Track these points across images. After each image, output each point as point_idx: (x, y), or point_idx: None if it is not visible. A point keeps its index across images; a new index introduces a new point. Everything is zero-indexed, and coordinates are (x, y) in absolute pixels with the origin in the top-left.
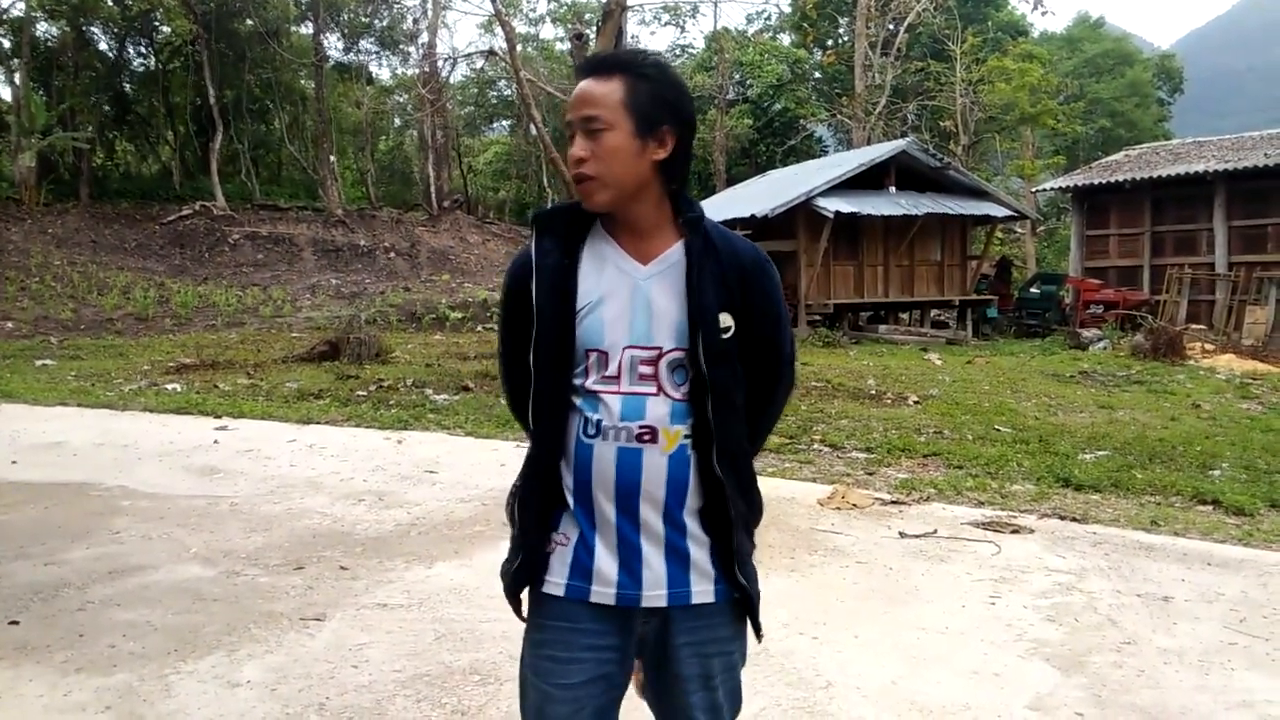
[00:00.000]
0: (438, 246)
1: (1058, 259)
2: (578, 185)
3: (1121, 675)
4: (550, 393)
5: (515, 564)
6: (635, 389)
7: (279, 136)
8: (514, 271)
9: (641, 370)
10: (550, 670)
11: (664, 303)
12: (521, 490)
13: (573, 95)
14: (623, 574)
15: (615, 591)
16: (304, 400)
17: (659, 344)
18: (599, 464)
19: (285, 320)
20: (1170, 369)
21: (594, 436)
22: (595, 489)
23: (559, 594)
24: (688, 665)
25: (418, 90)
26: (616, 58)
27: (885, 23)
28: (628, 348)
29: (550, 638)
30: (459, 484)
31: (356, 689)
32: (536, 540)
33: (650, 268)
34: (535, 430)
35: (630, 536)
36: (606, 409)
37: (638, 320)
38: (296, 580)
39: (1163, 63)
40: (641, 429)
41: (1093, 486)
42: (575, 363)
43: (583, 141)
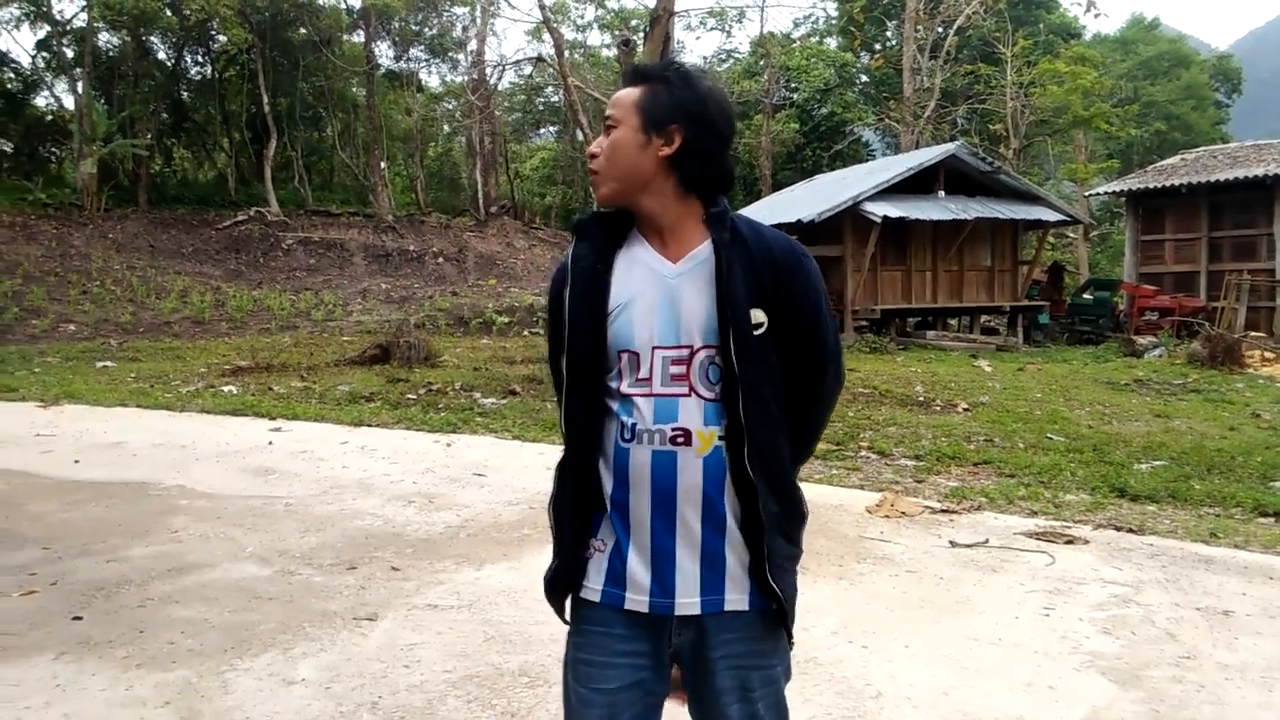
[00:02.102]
0: (485, 251)
1: (1111, 264)
2: (592, 178)
3: (1181, 690)
4: (584, 397)
5: (555, 569)
6: (667, 391)
7: (331, 143)
8: (554, 278)
9: (673, 371)
10: (587, 674)
11: (693, 300)
12: (559, 496)
13: (613, 98)
14: (655, 582)
15: (648, 599)
16: (355, 403)
17: (689, 343)
18: (635, 468)
19: (337, 324)
20: (1228, 377)
21: (630, 441)
22: (632, 494)
23: (595, 599)
24: (723, 677)
25: (466, 97)
26: (647, 69)
27: (934, 26)
28: (657, 347)
29: (587, 642)
30: (507, 487)
31: (408, 689)
32: (575, 546)
33: (679, 266)
34: (571, 435)
35: (665, 542)
36: (640, 412)
37: (666, 319)
38: (349, 580)
39: (1220, 64)
40: (675, 431)
41: (1149, 497)
42: (608, 366)
43: (599, 140)
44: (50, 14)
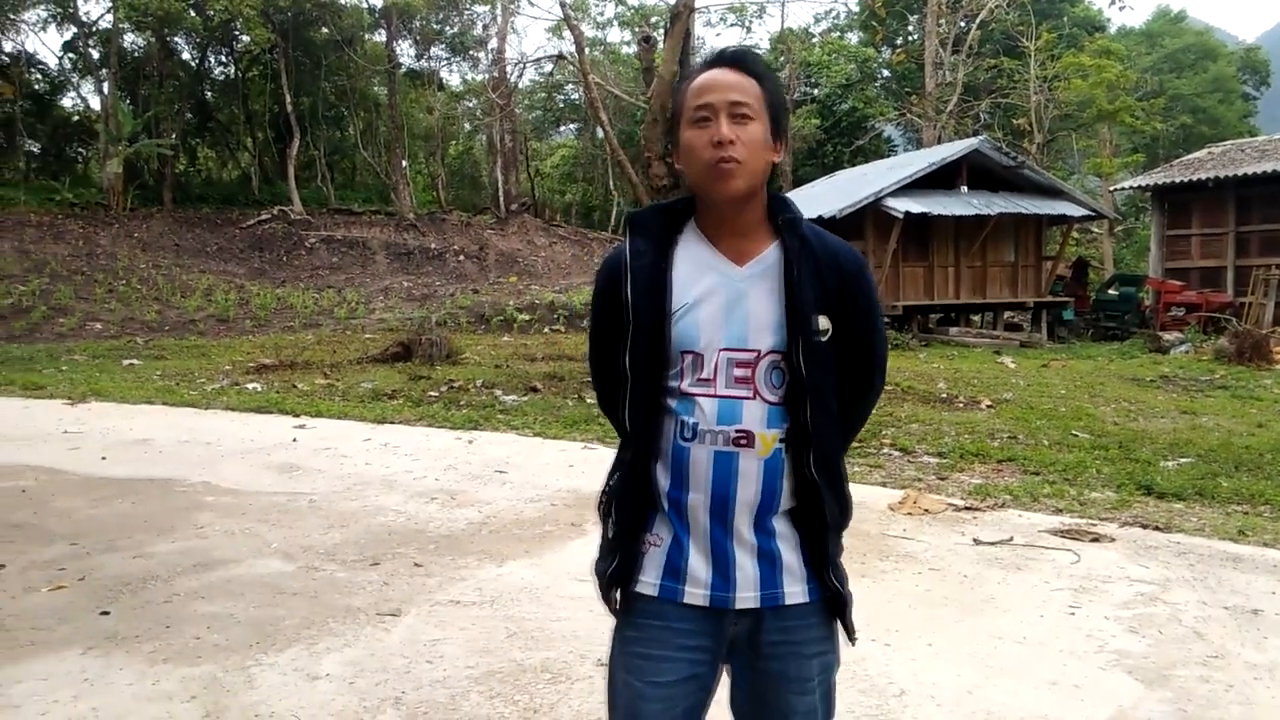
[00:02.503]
0: (506, 249)
1: (1136, 260)
2: (720, 165)
3: (1209, 690)
4: (645, 395)
5: (612, 564)
6: (730, 392)
7: (353, 142)
8: (606, 271)
9: (737, 373)
10: (643, 668)
11: (761, 304)
12: (616, 491)
13: (708, 79)
14: (715, 576)
15: (707, 593)
16: (378, 400)
17: (756, 346)
18: (695, 467)
19: (359, 322)
20: (1256, 374)
21: (690, 440)
22: (690, 492)
23: (652, 594)
24: (784, 664)
25: (487, 95)
26: (756, 60)
27: (956, 20)
28: (723, 350)
29: (643, 636)
30: (528, 484)
31: (431, 684)
32: (632, 540)
33: (747, 269)
34: (630, 432)
35: (721, 539)
36: (702, 412)
37: (734, 322)
38: (373, 576)
39: (1248, 56)
40: (738, 433)
41: (1176, 494)
42: (669, 364)
43: (730, 125)
44: (77, 15)
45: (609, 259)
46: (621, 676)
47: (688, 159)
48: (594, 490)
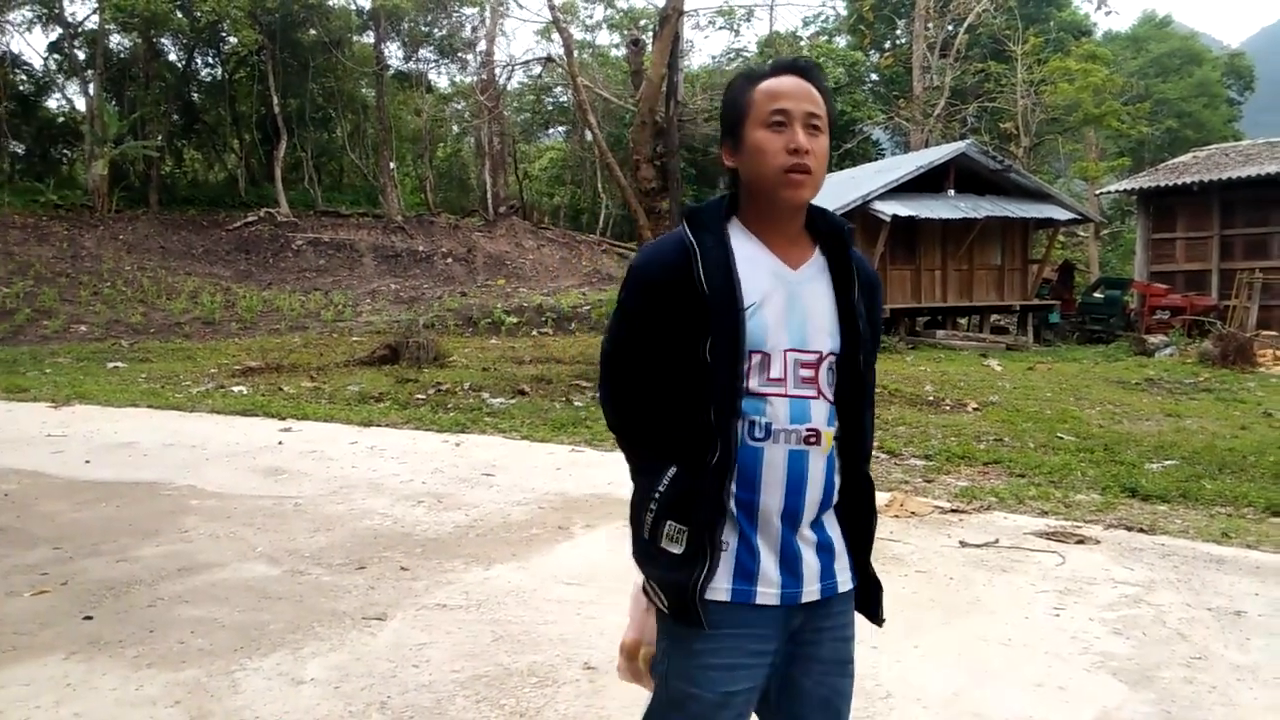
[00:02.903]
0: (494, 252)
1: (1122, 263)
2: (794, 173)
3: (1192, 691)
4: (727, 392)
5: (698, 572)
6: (799, 392)
7: (341, 144)
8: (662, 263)
9: (803, 374)
10: (715, 679)
11: (818, 307)
12: (674, 498)
13: (784, 85)
14: (784, 573)
15: (779, 591)
16: (365, 403)
17: (818, 348)
18: (769, 467)
19: (346, 324)
20: (1240, 376)
21: (762, 440)
22: (763, 492)
23: (725, 599)
24: (834, 649)
25: (475, 98)
26: (823, 75)
27: (944, 24)
28: (789, 350)
29: (713, 646)
30: (516, 487)
31: (417, 688)
32: (713, 546)
33: (801, 272)
34: (713, 431)
35: (789, 536)
36: (775, 412)
37: (796, 323)
38: (359, 580)
39: (1232, 62)
40: (808, 432)
41: (1160, 497)
42: (742, 363)
43: (805, 135)
44: (62, 16)
45: (659, 252)
46: (686, 691)
47: (756, 159)
48: (582, 494)
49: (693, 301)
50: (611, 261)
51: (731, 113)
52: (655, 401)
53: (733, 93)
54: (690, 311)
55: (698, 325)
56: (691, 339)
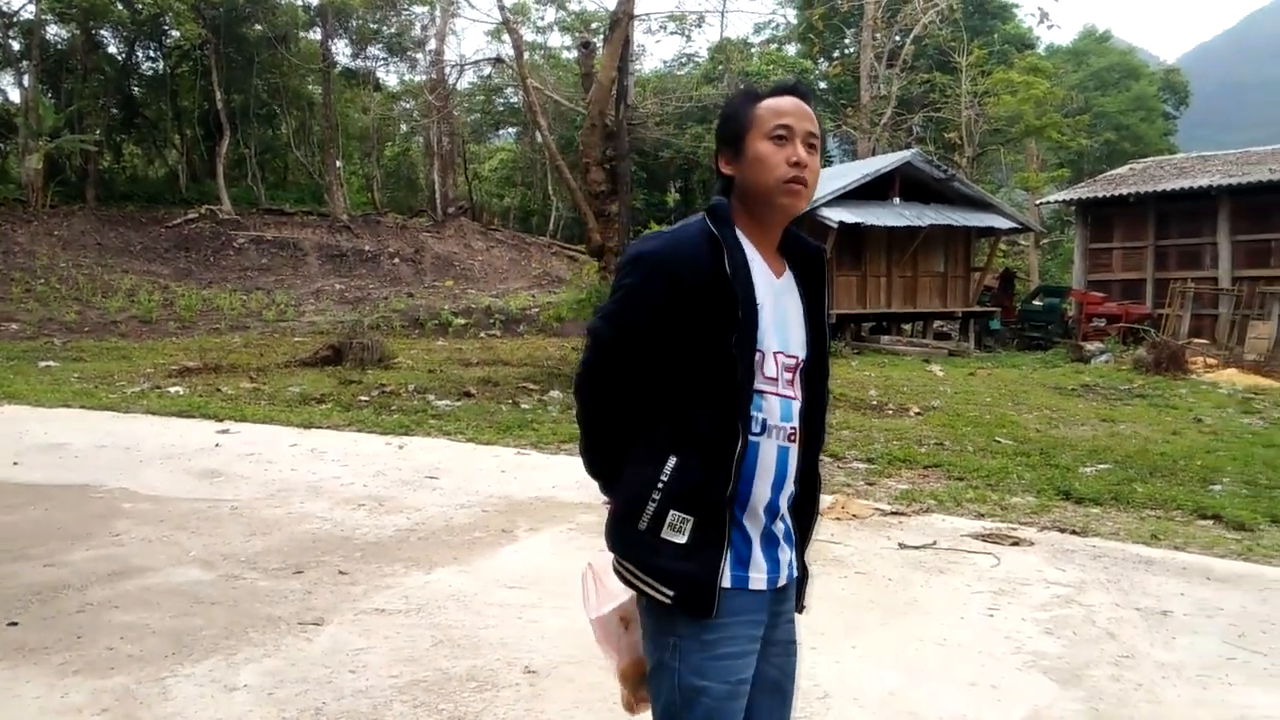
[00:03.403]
0: (442, 252)
1: (1061, 272)
2: (794, 183)
3: (1119, 689)
4: (746, 386)
5: (718, 560)
6: (785, 392)
7: (286, 141)
8: (689, 254)
9: (787, 376)
10: (727, 668)
11: (794, 316)
12: (681, 490)
13: (788, 104)
14: (768, 560)
15: (766, 576)
16: (306, 405)
17: (796, 353)
18: (763, 461)
19: (289, 324)
20: (1173, 383)
21: (760, 434)
22: (758, 483)
23: (727, 585)
24: (786, 631)
25: (425, 97)
26: (815, 99)
27: (891, 34)
28: (778, 352)
29: (723, 635)
30: (460, 490)
31: (354, 694)
32: (724, 537)
33: (782, 282)
34: (735, 422)
35: (770, 526)
36: (770, 408)
37: (780, 328)
38: (295, 584)
39: (1169, 76)
40: (791, 430)
41: (1093, 500)
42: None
43: (805, 151)
44: None
45: (679, 243)
46: (698, 685)
47: (758, 168)
48: (527, 496)
49: (720, 295)
50: (561, 264)
51: (733, 126)
52: (650, 392)
53: (734, 107)
54: (716, 304)
55: (724, 319)
56: (715, 332)
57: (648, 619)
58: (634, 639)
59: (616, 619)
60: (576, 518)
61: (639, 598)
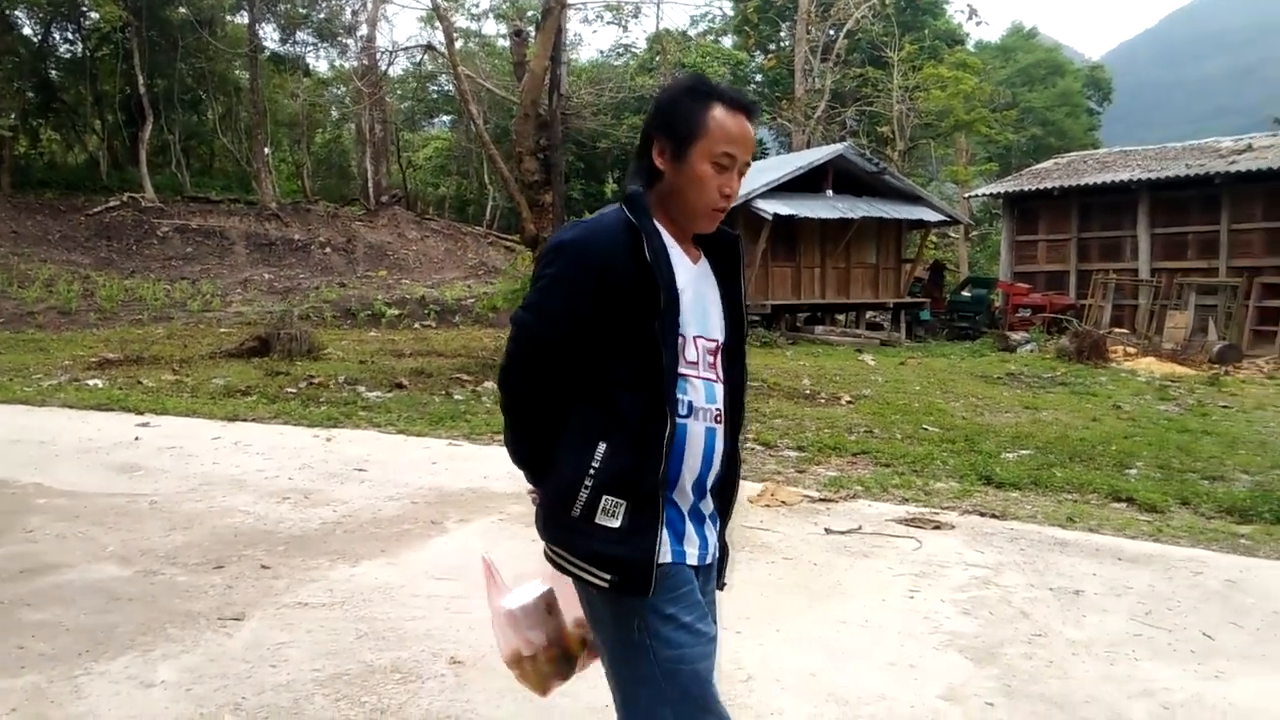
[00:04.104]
0: (375, 242)
1: (990, 263)
2: (716, 213)
3: (1031, 666)
4: (672, 370)
5: (652, 541)
6: (708, 375)
7: (211, 128)
8: (608, 242)
9: (708, 359)
10: (697, 631)
11: (711, 300)
12: (611, 476)
13: (740, 130)
14: (699, 537)
15: (698, 552)
16: (231, 397)
17: (716, 337)
18: (692, 443)
19: (214, 315)
20: (1094, 371)
21: (686, 416)
22: (686, 464)
23: (668, 560)
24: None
25: (356, 83)
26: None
27: (825, 28)
28: (697, 337)
29: (684, 604)
30: (389, 482)
31: (274, 688)
32: (659, 516)
33: (699, 267)
34: (663, 407)
35: (698, 505)
36: (696, 391)
37: (700, 312)
38: (216, 579)
39: (1092, 74)
40: (716, 411)
41: (1013, 484)
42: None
43: (736, 180)
44: None
45: (601, 232)
46: (668, 654)
47: (693, 187)
48: (459, 488)
49: (641, 282)
50: (498, 254)
51: (680, 125)
52: (576, 380)
53: (685, 102)
54: (638, 291)
55: (646, 306)
56: (639, 319)
57: (603, 605)
58: (558, 622)
59: (543, 605)
60: (508, 508)
61: (584, 588)
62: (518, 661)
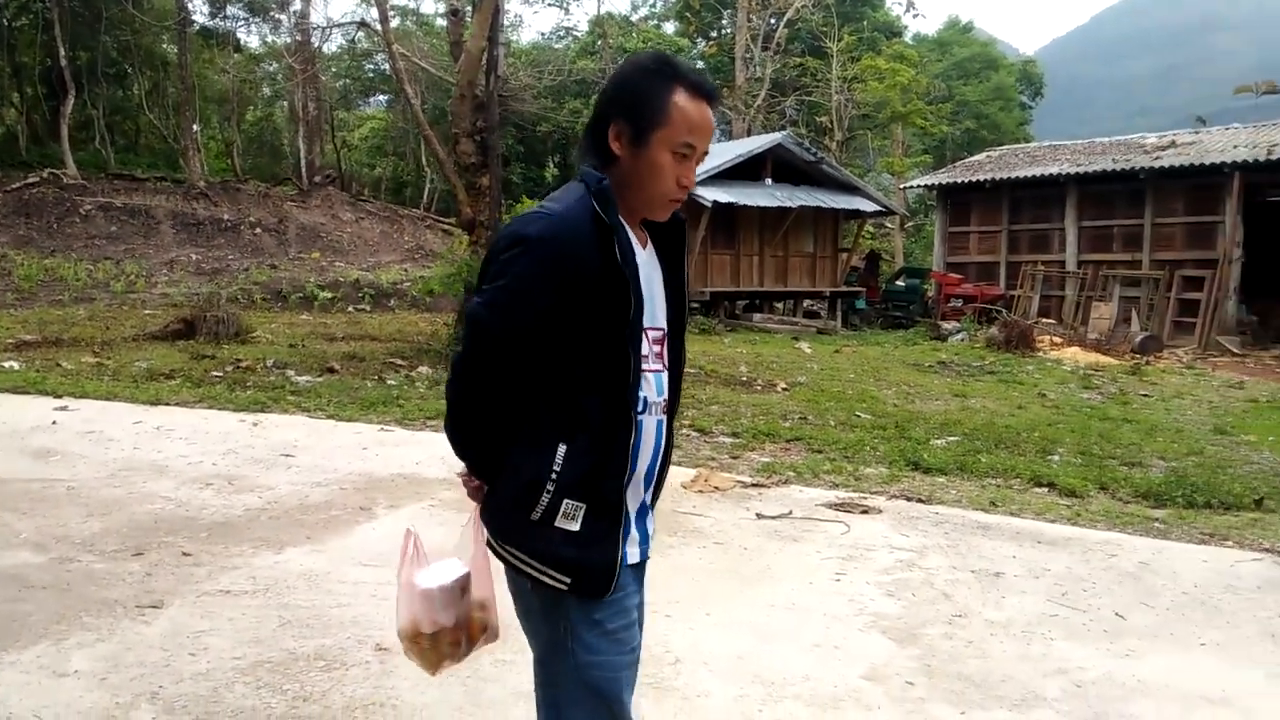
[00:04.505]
0: (308, 223)
1: (924, 254)
2: (674, 203)
3: (951, 646)
4: (635, 368)
5: (617, 545)
6: (656, 366)
7: (138, 103)
8: (574, 237)
9: (655, 349)
10: (623, 640)
11: (657, 287)
12: (613, 469)
13: (703, 119)
14: (640, 532)
15: (639, 549)
16: (154, 380)
17: (661, 325)
18: (646, 437)
19: (139, 296)
20: (1021, 360)
21: (643, 413)
22: (641, 460)
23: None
24: (641, 601)
25: (288, 60)
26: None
27: (766, 17)
28: (648, 328)
29: (612, 610)
30: (316, 468)
31: (193, 677)
32: (620, 516)
33: (647, 253)
34: (626, 407)
35: (646, 498)
36: (649, 385)
37: (650, 301)
38: (134, 567)
39: (1025, 69)
40: (665, 402)
41: (940, 470)
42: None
43: (693, 170)
44: None
45: (567, 226)
46: (596, 661)
47: (652, 176)
48: (389, 473)
49: (608, 281)
50: (436, 237)
51: (644, 108)
52: (535, 379)
53: (646, 83)
54: (605, 293)
55: (615, 305)
56: (605, 318)
57: (534, 599)
58: (466, 605)
59: (459, 587)
60: (439, 494)
61: (517, 578)
62: (415, 638)
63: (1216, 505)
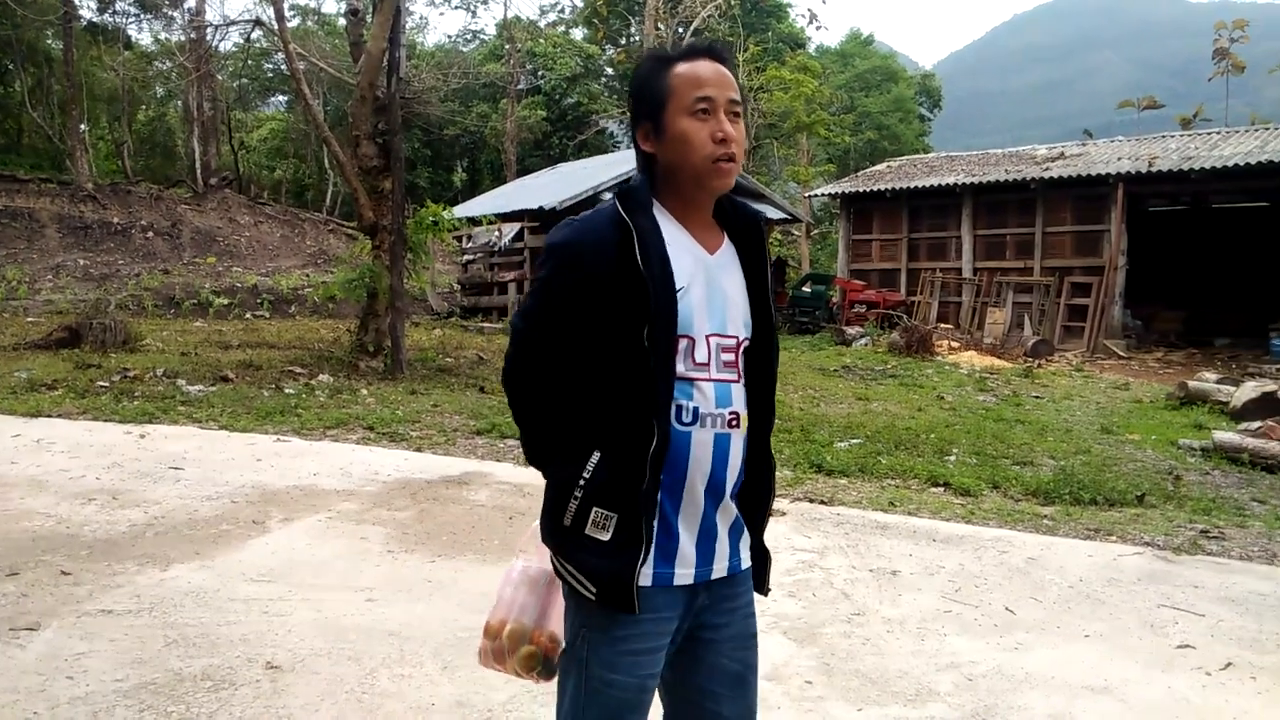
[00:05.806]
0: (203, 227)
1: (829, 261)
2: (723, 163)
3: (849, 644)
4: (664, 377)
5: (638, 557)
6: (722, 376)
7: (19, 100)
8: (596, 242)
9: (725, 358)
10: (637, 664)
11: (734, 292)
12: (621, 482)
13: (707, 71)
14: (700, 554)
15: (694, 571)
16: (34, 391)
17: (735, 333)
18: (698, 450)
19: (20, 304)
20: (921, 364)
21: (690, 424)
22: (692, 475)
23: (647, 584)
24: (743, 624)
25: (180, 59)
26: (735, 59)
27: (674, 25)
28: (711, 335)
29: (636, 631)
30: (207, 481)
31: (70, 701)
32: (649, 531)
33: (717, 257)
34: (651, 417)
35: (711, 516)
36: (703, 396)
37: (715, 308)
38: (9, 588)
39: (924, 82)
40: (731, 415)
41: (842, 472)
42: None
43: (731, 123)
44: None
45: (589, 232)
46: (607, 678)
47: (682, 149)
48: (284, 485)
49: (630, 283)
50: (339, 242)
51: (649, 97)
52: (573, 385)
53: (645, 75)
54: (627, 294)
55: (636, 308)
56: (628, 322)
57: (569, 601)
58: (523, 599)
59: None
60: (336, 506)
61: (567, 588)
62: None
63: (1102, 502)
